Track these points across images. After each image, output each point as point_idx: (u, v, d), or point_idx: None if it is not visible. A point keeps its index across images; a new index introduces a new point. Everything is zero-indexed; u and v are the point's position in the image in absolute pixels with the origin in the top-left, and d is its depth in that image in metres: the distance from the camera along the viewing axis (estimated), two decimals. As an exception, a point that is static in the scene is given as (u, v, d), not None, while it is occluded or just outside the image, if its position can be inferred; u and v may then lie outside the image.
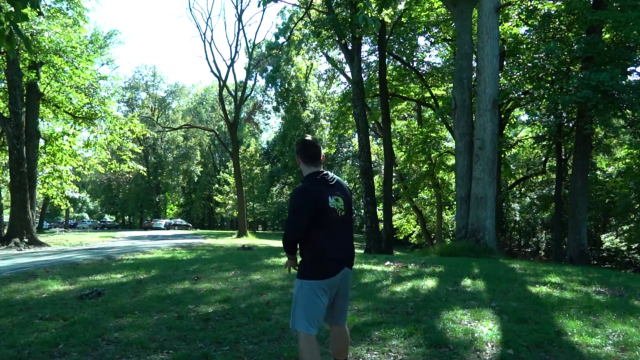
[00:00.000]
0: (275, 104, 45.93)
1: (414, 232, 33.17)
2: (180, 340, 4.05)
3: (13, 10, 2.96)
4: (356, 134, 22.21)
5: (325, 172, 2.82)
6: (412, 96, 25.62)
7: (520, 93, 17.40)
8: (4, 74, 18.57)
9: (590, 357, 3.54)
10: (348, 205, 2.81)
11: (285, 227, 2.70)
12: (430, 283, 6.35)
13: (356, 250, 4.03)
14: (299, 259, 2.85)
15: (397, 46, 23.39)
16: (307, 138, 2.89)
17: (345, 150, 46.36)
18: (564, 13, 15.04)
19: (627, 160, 20.25)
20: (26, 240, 17.23)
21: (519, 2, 17.25)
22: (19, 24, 3.10)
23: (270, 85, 44.15)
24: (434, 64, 24.95)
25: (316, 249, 2.69)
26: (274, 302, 5.36)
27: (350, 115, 23.05)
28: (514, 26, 18.74)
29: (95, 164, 23.73)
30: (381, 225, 20.05)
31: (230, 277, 7.38)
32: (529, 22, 17.36)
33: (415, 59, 24.61)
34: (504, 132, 21.83)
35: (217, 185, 51.69)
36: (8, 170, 18.92)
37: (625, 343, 3.79)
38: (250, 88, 38.19)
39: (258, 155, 50.05)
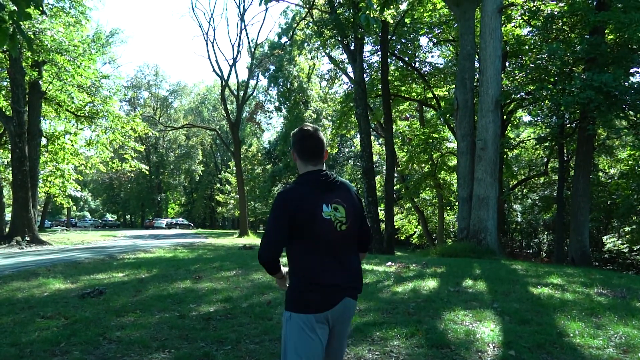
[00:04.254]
0: (277, 103, 45.92)
1: (415, 232, 33.15)
2: (181, 339, 4.06)
3: (16, 9, 2.96)
4: (358, 134, 22.21)
5: (324, 172, 2.17)
6: (414, 97, 25.61)
7: (523, 94, 17.37)
8: (6, 72, 18.61)
9: (592, 359, 3.53)
10: (353, 217, 2.17)
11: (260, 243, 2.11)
12: (431, 284, 6.35)
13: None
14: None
15: (399, 46, 23.39)
16: (305, 127, 2.23)
17: (347, 150, 46.25)
18: (567, 14, 15.01)
19: (629, 162, 20.22)
20: (28, 238, 17.26)
21: (522, 3, 17.23)
22: (22, 23, 3.10)
23: (272, 85, 44.15)
24: (436, 65, 24.96)
25: (306, 272, 2.08)
26: (275, 302, 5.36)
27: (352, 116, 23.02)
28: (516, 27, 18.71)
29: (97, 162, 23.78)
30: (382, 226, 20.04)
31: (232, 276, 7.39)
32: (532, 23, 17.34)
33: (417, 59, 24.63)
34: (506, 133, 21.80)
35: (218, 185, 51.64)
36: (10, 168, 18.97)
37: (627, 345, 3.79)
38: (253, 88, 38.13)
39: (260, 155, 49.99)
